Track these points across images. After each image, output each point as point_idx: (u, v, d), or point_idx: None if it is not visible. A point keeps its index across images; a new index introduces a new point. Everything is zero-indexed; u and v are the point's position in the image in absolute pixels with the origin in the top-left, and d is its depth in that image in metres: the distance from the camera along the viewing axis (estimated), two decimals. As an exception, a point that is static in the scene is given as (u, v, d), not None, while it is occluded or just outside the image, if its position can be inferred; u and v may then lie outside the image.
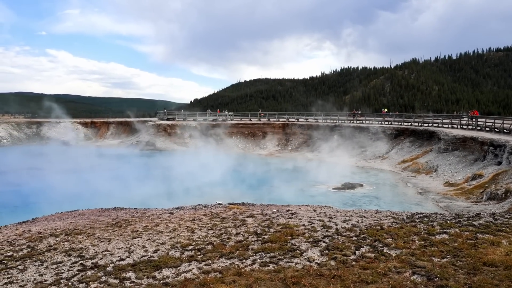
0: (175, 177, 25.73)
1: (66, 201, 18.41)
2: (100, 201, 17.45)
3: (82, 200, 18.75)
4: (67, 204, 16.91)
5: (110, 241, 9.03)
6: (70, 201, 18.57)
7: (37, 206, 17.39)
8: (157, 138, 46.12)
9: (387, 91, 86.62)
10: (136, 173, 29.05)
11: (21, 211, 16.04)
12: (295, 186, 24.48)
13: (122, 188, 22.61)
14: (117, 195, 20.07)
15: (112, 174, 28.32)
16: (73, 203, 17.22)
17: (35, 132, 50.27)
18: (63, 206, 15.69)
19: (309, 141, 44.03)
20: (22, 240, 9.66)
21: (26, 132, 49.94)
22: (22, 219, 13.29)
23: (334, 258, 7.05)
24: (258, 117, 54.37)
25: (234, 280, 6.21)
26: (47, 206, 16.96)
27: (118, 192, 21.12)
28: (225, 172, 28.97)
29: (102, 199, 18.75)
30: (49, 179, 26.22)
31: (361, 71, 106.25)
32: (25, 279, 6.83)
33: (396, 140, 36.27)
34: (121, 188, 22.69)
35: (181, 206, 14.22)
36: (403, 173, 27.92)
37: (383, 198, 20.66)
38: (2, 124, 49.42)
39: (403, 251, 7.29)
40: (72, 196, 20.27)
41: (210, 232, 9.49)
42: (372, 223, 9.87)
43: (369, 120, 45.17)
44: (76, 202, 17.42)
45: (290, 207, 13.27)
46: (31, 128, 50.76)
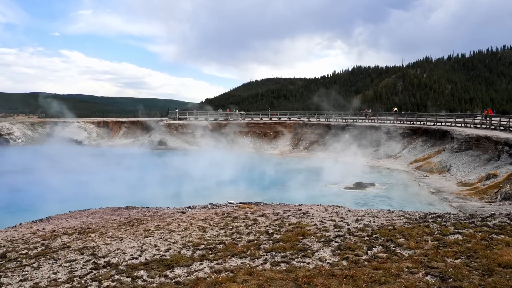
0: (187, 176, 25.84)
1: (79, 200, 18.59)
2: (112, 200, 17.60)
3: (94, 199, 18.92)
4: (80, 203, 17.08)
5: (122, 240, 9.09)
6: (83, 200, 18.74)
7: (51, 205, 17.56)
8: (168, 138, 46.35)
9: (399, 90, 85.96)
10: (148, 172, 29.24)
11: (35, 210, 16.22)
12: (306, 185, 24.40)
13: (134, 187, 22.77)
14: (129, 194, 20.22)
15: (124, 173, 28.53)
16: (86, 202, 17.39)
17: (48, 132, 50.82)
18: (76, 205, 15.84)
19: (321, 141, 43.87)
20: (36, 238, 9.77)
21: (40, 132, 50.52)
22: (36, 217, 13.45)
23: (346, 258, 7.01)
24: (270, 116, 54.30)
25: (245, 279, 6.21)
26: (60, 204, 17.13)
27: (130, 191, 21.27)
28: (236, 171, 29.01)
29: (114, 198, 18.89)
30: (62, 178, 26.51)
31: (372, 70, 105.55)
32: (39, 276, 6.91)
33: (408, 140, 35.97)
34: (133, 187, 22.84)
35: (192, 205, 14.27)
36: (415, 173, 27.68)
37: (395, 198, 20.50)
38: (16, 124, 50.08)
39: (416, 251, 7.23)
40: (85, 195, 20.48)
41: (221, 232, 9.51)
42: (385, 223, 9.80)
43: (381, 120, 44.87)
44: (88, 201, 17.58)
45: (301, 206, 13.23)
46: (45, 128, 51.33)
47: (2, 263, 7.81)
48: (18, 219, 13.16)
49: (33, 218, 13.27)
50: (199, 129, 47.57)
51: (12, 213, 16.46)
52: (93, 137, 51.94)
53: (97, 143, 50.14)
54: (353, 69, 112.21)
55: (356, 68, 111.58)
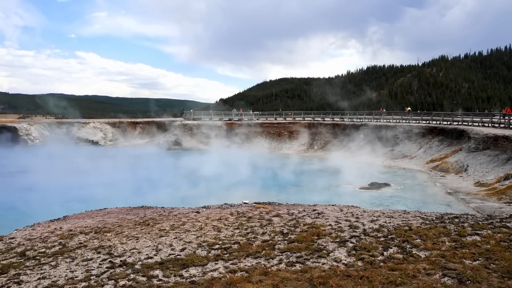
0: (201, 176, 25.95)
1: (95, 200, 18.81)
2: (127, 199, 17.76)
3: (110, 198, 19.13)
4: (96, 202, 17.28)
5: (138, 239, 9.17)
6: (99, 199, 18.96)
7: (67, 204, 17.81)
8: (183, 138, 46.61)
9: (414, 89, 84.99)
10: (163, 172, 29.44)
11: (52, 209, 16.44)
12: (321, 185, 24.31)
13: (149, 187, 22.96)
14: (144, 194, 20.39)
15: (138, 173, 28.80)
16: (102, 201, 17.58)
17: (65, 133, 51.52)
18: (92, 204, 16.03)
19: (335, 141, 43.65)
20: (54, 237, 9.91)
21: (57, 132, 51.22)
22: (53, 216, 13.62)
23: (361, 259, 6.97)
24: (284, 116, 54.21)
25: (260, 279, 6.21)
26: (76, 204, 17.36)
27: (145, 191, 21.45)
28: (251, 171, 29.04)
29: (129, 197, 19.08)
30: (78, 178, 26.87)
31: (387, 69, 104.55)
32: (57, 275, 7.01)
33: (424, 139, 35.55)
34: (148, 187, 23.04)
35: (207, 205, 14.31)
36: (431, 173, 27.35)
37: (411, 198, 20.28)
38: (34, 125, 50.87)
39: (432, 252, 7.14)
40: (101, 195, 20.72)
41: (236, 231, 9.52)
42: (400, 223, 9.70)
43: (396, 119, 44.45)
44: (104, 201, 17.77)
45: (316, 206, 13.19)
46: (61, 129, 52.05)
47: (21, 261, 7.94)
48: (36, 218, 13.36)
49: (50, 217, 13.45)
50: (214, 129, 47.73)
51: (30, 212, 16.72)
52: (109, 138, 52.49)
53: (113, 143, 50.67)
54: (368, 68, 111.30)
55: (371, 67, 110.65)
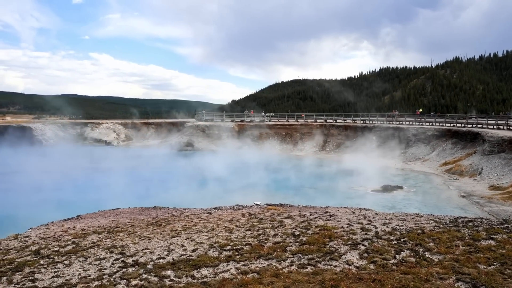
0: (213, 177, 26.01)
1: (107, 199, 18.97)
2: (140, 199, 17.89)
3: (122, 198, 19.28)
4: (108, 202, 17.43)
5: (150, 240, 9.22)
6: (111, 199, 19.12)
7: (81, 203, 17.98)
8: (195, 139, 46.79)
9: (427, 91, 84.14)
10: (174, 173, 29.59)
11: (66, 208, 16.62)
12: (333, 187, 24.21)
13: (161, 187, 23.08)
14: (156, 194, 20.50)
15: (151, 174, 28.98)
16: (114, 201, 17.73)
17: (79, 133, 52.08)
18: (105, 204, 16.17)
19: (347, 142, 43.43)
20: (67, 236, 10.02)
21: (71, 133, 51.79)
22: (67, 215, 13.78)
23: (373, 262, 6.92)
24: (296, 118, 54.10)
25: (272, 281, 6.20)
26: (89, 203, 17.52)
27: (157, 191, 21.57)
28: (263, 173, 29.03)
29: (142, 197, 19.21)
30: (92, 178, 27.17)
31: (400, 71, 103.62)
32: (71, 273, 7.08)
33: (437, 142, 35.19)
34: (160, 187, 23.17)
35: (219, 206, 14.35)
36: (445, 176, 27.06)
37: (424, 201, 20.09)
38: (49, 125, 51.51)
39: (446, 256, 7.06)
40: (113, 194, 20.90)
41: (248, 233, 9.53)
42: (413, 226, 9.62)
43: (409, 121, 44.07)
44: (117, 201, 17.92)
45: (328, 209, 13.14)
46: (75, 129, 52.61)
47: (35, 260, 8.05)
48: (50, 217, 13.52)
49: (64, 216, 13.62)
50: (225, 130, 47.85)
51: (44, 211, 16.91)
52: (122, 138, 52.92)
53: (126, 144, 51.08)
54: (381, 70, 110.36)
55: (384, 69, 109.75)
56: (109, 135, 52.44)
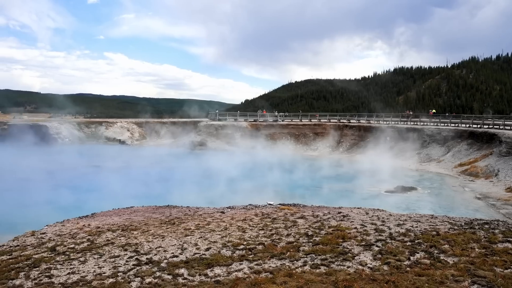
0: (226, 177, 26.05)
1: (122, 198, 19.14)
2: (153, 198, 18.02)
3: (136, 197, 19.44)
4: (123, 200, 17.59)
5: (163, 238, 9.30)
6: (126, 197, 19.28)
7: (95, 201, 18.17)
8: (208, 138, 46.95)
9: (443, 91, 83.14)
10: (188, 172, 29.71)
11: (81, 206, 16.81)
12: (346, 188, 24.10)
13: (174, 186, 23.21)
14: (170, 193, 20.61)
15: (164, 173, 29.16)
16: (128, 199, 17.89)
17: (93, 132, 52.64)
18: (119, 202, 16.33)
19: (361, 143, 43.16)
20: (83, 234, 10.15)
21: (86, 132, 52.39)
22: (82, 213, 13.95)
23: (387, 263, 6.89)
24: (309, 118, 53.93)
25: (285, 281, 6.21)
26: (104, 202, 17.69)
27: (171, 190, 21.69)
28: (276, 172, 29.01)
29: (155, 196, 19.34)
30: (106, 176, 27.43)
31: (415, 71, 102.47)
32: (86, 270, 7.19)
33: (452, 143, 34.75)
34: (173, 186, 23.30)
35: (232, 206, 14.39)
36: (460, 177, 26.72)
37: (439, 202, 19.87)
38: (64, 124, 52.17)
39: (461, 258, 6.99)
40: (127, 193, 21.09)
41: (261, 232, 9.54)
42: (428, 228, 9.53)
43: (423, 122, 43.61)
44: (131, 199, 18.08)
45: (341, 209, 13.09)
46: (90, 128, 53.19)
47: (52, 256, 8.18)
48: (66, 215, 13.70)
49: (79, 214, 13.78)
50: (238, 130, 47.92)
51: (60, 208, 17.13)
52: (136, 137, 53.33)
53: (140, 143, 51.47)
54: (395, 70, 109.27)
55: (398, 68, 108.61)
56: (123, 134, 52.90)
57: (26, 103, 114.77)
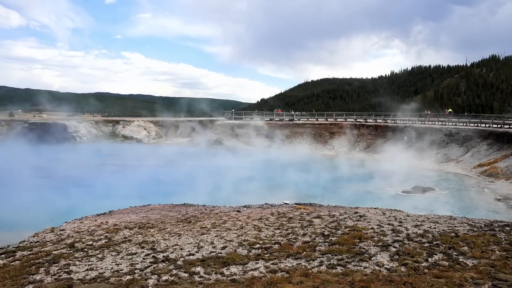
0: (242, 176, 26.11)
1: (139, 195, 19.35)
2: (169, 196, 18.15)
3: (153, 194, 19.62)
4: (139, 198, 17.77)
5: (180, 236, 9.36)
6: (142, 195, 19.49)
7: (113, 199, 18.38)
8: (224, 137, 47.10)
9: (462, 90, 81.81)
10: (204, 170, 29.82)
11: (99, 203, 17.02)
12: (362, 188, 23.92)
13: (190, 184, 23.33)
14: (186, 191, 20.72)
15: (180, 171, 29.33)
16: (145, 197, 18.07)
17: (111, 130, 53.26)
18: (136, 200, 16.50)
19: (378, 142, 42.78)
20: (100, 231, 10.28)
21: (103, 130, 53.04)
22: (99, 211, 14.13)
23: (405, 264, 6.81)
24: (325, 117, 53.68)
25: (301, 280, 6.19)
26: (121, 199, 17.89)
27: (187, 188, 21.81)
28: (291, 171, 28.95)
29: (171, 194, 19.47)
30: (123, 174, 27.76)
31: (433, 70, 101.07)
32: (103, 267, 7.28)
33: (471, 143, 34.18)
34: (189, 184, 23.42)
35: (248, 205, 14.41)
36: (479, 178, 26.28)
37: (457, 203, 19.58)
38: (83, 122, 52.93)
39: (481, 261, 6.87)
40: (144, 191, 21.32)
41: (277, 232, 9.54)
42: (446, 229, 9.40)
43: (441, 121, 43.00)
44: (147, 197, 18.26)
45: (358, 209, 13.00)
46: (107, 126, 53.83)
47: (70, 252, 8.30)
48: (84, 212, 13.90)
49: (97, 212, 13.97)
50: (254, 129, 47.96)
51: (78, 205, 17.39)
52: (152, 136, 53.80)
53: (156, 142, 51.91)
54: (413, 68, 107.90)
55: (416, 67, 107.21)
56: (140, 132, 53.40)
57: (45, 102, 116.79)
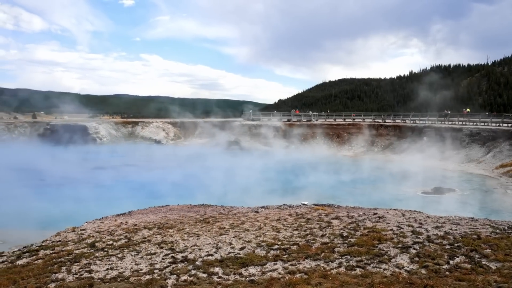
0: (259, 176, 26.15)
1: (158, 196, 19.54)
2: (188, 197, 18.27)
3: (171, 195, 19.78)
4: (158, 198, 17.95)
5: (198, 237, 9.40)
6: (161, 195, 19.68)
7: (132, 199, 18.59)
8: (242, 138, 47.19)
9: (483, 89, 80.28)
10: (222, 171, 29.93)
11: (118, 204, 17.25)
12: (381, 188, 23.69)
13: (209, 185, 23.44)
14: (204, 192, 20.84)
15: (198, 172, 29.51)
16: (164, 198, 18.23)
17: (130, 132, 53.91)
18: (155, 201, 16.66)
19: (396, 143, 42.31)
20: (120, 231, 10.40)
21: (122, 131, 53.71)
22: (119, 211, 14.31)
23: (425, 267, 6.71)
24: (343, 117, 53.36)
25: (319, 282, 6.16)
26: (141, 199, 18.10)
27: (205, 189, 21.93)
28: (309, 172, 28.86)
29: (190, 195, 19.61)
30: (142, 175, 28.07)
31: (453, 69, 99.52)
32: (123, 266, 7.36)
33: (493, 143, 33.50)
34: (207, 185, 23.54)
35: (266, 205, 14.39)
36: (501, 179, 25.74)
37: (479, 205, 19.23)
38: (102, 124, 53.68)
39: (505, 264, 6.72)
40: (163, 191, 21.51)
41: (295, 233, 9.51)
42: (468, 231, 9.23)
43: (462, 121, 42.28)
44: (166, 197, 18.43)
45: (377, 210, 12.87)
46: (126, 128, 54.49)
47: (91, 252, 8.43)
48: (104, 212, 14.10)
49: (116, 212, 14.15)
50: (272, 129, 47.95)
51: (98, 206, 17.65)
52: (171, 137, 54.24)
53: (175, 143, 52.33)
54: (431, 68, 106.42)
55: (435, 67, 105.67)
56: (159, 133, 53.89)
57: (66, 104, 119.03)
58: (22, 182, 23.85)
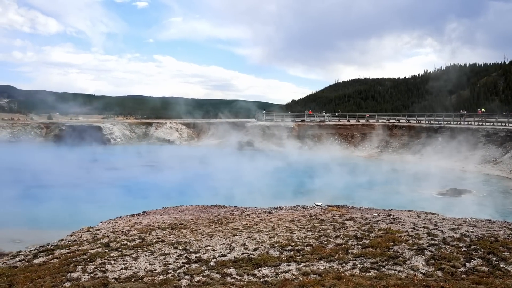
0: (273, 177, 26.12)
1: (172, 196, 19.64)
2: (202, 197, 18.34)
3: (185, 195, 19.88)
4: (172, 199, 18.03)
5: (212, 237, 9.41)
6: (174, 196, 19.78)
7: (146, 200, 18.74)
8: (255, 139, 47.19)
9: (500, 89, 78.92)
10: (235, 172, 30.00)
11: (132, 204, 17.39)
12: (395, 190, 23.47)
13: (222, 185, 23.50)
14: (218, 192, 20.90)
15: (212, 172, 29.60)
16: (177, 198, 18.33)
17: (144, 132, 54.36)
18: (169, 201, 16.74)
19: (411, 143, 41.88)
20: (134, 231, 10.47)
21: (137, 132, 54.19)
22: (133, 211, 14.40)
23: (441, 269, 6.62)
24: (357, 118, 53.05)
25: (333, 284, 6.11)
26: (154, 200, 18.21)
27: (218, 190, 21.98)
28: (323, 173, 28.73)
29: (203, 195, 19.68)
30: (156, 175, 28.25)
31: (469, 68, 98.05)
32: (138, 266, 7.40)
33: (510, 143, 32.95)
34: (221, 185, 23.59)
35: (279, 206, 14.36)
36: (519, 180, 25.32)
37: (495, 207, 18.93)
38: (117, 125, 54.21)
39: (523, 267, 6.60)
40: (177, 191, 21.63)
41: (309, 234, 9.46)
42: (485, 233, 9.07)
43: (478, 121, 41.68)
44: (179, 197, 18.52)
45: (391, 211, 12.75)
46: (140, 128, 54.97)
47: (106, 252, 8.50)
48: (119, 212, 14.21)
49: (131, 212, 14.25)
50: (285, 130, 47.86)
51: (113, 206, 17.82)
52: (184, 137, 54.55)
53: (188, 143, 52.61)
54: (447, 67, 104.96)
55: (450, 66, 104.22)
56: (172, 134, 54.23)
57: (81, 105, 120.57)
58: (37, 183, 24.21)
